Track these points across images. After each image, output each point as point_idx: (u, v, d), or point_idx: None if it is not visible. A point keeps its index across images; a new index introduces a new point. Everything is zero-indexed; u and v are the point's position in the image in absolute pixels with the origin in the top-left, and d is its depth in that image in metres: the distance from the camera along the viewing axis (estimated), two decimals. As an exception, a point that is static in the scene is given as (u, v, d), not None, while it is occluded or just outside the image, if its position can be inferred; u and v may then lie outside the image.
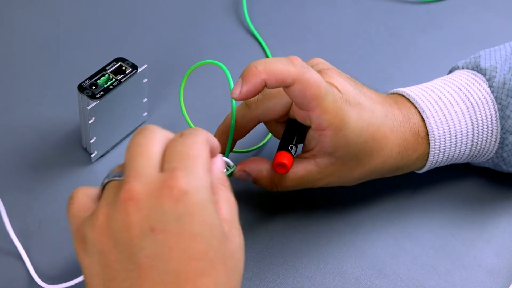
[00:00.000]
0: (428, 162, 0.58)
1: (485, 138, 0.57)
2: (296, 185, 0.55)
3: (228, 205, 0.44)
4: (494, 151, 0.59)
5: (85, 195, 0.45)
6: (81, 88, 0.57)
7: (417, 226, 0.60)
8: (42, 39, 0.72)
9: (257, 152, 0.64)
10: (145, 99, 0.63)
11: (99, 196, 0.45)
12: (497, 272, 0.58)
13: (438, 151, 0.57)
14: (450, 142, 0.57)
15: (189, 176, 0.41)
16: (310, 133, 0.54)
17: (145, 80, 0.61)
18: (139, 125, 0.65)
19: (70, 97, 0.65)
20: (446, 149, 0.57)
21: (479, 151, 0.59)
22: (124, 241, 0.40)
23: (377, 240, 0.59)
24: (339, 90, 0.53)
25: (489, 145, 0.58)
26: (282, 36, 0.76)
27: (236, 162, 0.55)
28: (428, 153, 0.57)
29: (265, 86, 0.50)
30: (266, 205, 0.61)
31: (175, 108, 0.67)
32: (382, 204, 0.62)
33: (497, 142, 0.58)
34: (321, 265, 0.57)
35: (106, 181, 0.44)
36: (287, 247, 0.58)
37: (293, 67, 0.50)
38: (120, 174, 0.43)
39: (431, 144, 0.57)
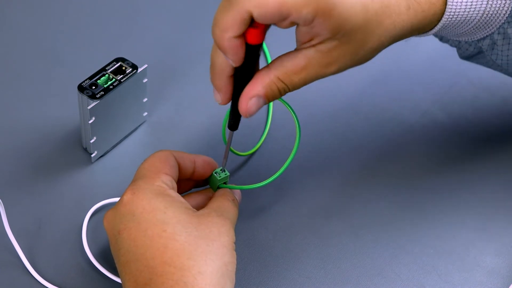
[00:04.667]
0: (445, 14, 0.52)
1: (497, 5, 0.53)
2: (303, 78, 0.48)
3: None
4: (501, 22, 0.54)
5: None
6: (81, 88, 0.57)
7: (417, 226, 0.60)
8: (42, 39, 0.72)
9: (255, 155, 0.64)
10: (145, 99, 0.63)
11: None
12: (497, 272, 0.58)
13: (455, 4, 0.52)
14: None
15: (133, 185, 0.50)
16: (300, 30, 0.47)
17: (145, 80, 0.61)
18: (139, 125, 0.65)
19: (70, 97, 0.64)
20: (462, 3, 0.52)
21: (489, 17, 0.53)
22: (112, 252, 0.50)
23: (377, 241, 0.59)
24: None
25: (500, 12, 0.53)
26: (282, 36, 0.76)
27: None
28: (444, 10, 0.51)
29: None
30: (267, 205, 0.61)
31: (175, 108, 0.67)
32: (382, 204, 0.62)
33: (507, 12, 0.53)
34: (321, 265, 0.57)
35: None
36: (287, 247, 0.58)
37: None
38: None
39: None
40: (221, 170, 0.55)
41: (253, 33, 0.45)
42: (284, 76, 0.47)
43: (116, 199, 0.59)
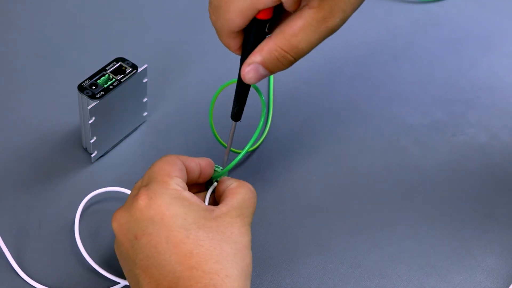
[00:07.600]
0: None
1: None
2: (303, 39, 0.45)
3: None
4: None
5: None
6: (81, 88, 0.57)
7: (417, 226, 0.60)
8: (42, 39, 0.72)
9: (255, 154, 0.64)
10: (145, 99, 0.63)
11: None
12: (497, 272, 0.58)
13: None
14: None
15: (148, 189, 0.49)
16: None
17: (145, 80, 0.61)
18: (139, 125, 0.65)
19: (70, 97, 0.65)
20: None
21: None
22: (124, 255, 0.49)
23: (377, 241, 0.59)
24: None
25: None
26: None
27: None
28: None
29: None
30: (267, 205, 0.61)
31: (175, 108, 0.67)
32: (382, 204, 0.62)
33: None
34: (321, 265, 0.57)
35: None
36: (287, 247, 0.58)
37: None
38: None
39: None
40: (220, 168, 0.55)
41: (265, 11, 0.44)
42: (283, 42, 0.45)
43: (114, 188, 0.58)
